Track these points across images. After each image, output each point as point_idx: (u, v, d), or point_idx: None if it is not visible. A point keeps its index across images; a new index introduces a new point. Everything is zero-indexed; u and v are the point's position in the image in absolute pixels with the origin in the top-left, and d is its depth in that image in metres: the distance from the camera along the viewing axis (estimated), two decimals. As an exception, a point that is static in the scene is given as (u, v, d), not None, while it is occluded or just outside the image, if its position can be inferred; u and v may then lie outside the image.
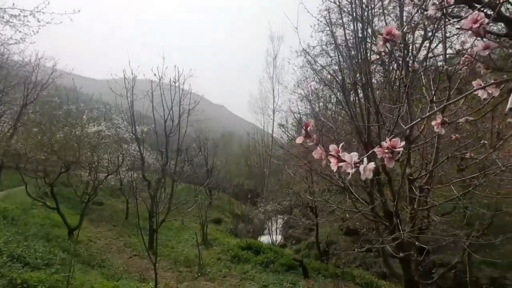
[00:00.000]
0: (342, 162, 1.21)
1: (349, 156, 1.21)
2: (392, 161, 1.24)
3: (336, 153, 1.24)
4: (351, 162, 1.19)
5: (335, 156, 1.24)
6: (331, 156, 1.25)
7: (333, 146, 1.25)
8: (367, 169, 1.17)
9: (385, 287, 11.08)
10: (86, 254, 8.66)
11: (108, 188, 18.40)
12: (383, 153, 1.23)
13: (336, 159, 1.23)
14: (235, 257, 12.11)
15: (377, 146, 1.27)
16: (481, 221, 10.28)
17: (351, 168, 1.19)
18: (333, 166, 1.24)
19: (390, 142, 1.23)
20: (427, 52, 9.49)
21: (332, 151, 1.25)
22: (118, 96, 11.73)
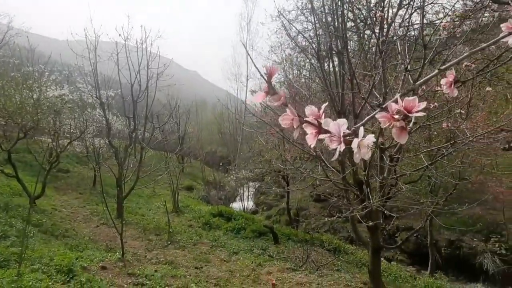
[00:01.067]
0: (323, 134, 0.82)
1: (336, 125, 0.80)
2: (405, 133, 0.83)
3: (315, 120, 0.84)
4: (338, 133, 0.79)
5: (313, 124, 0.84)
6: (308, 124, 0.85)
7: (311, 108, 0.85)
8: (364, 146, 0.77)
9: (352, 251, 11.45)
10: (49, 223, 8.29)
11: (74, 155, 17.72)
12: (391, 120, 0.83)
13: (315, 128, 0.84)
14: (206, 224, 12.10)
15: (378, 111, 0.87)
16: (444, 189, 10.71)
17: (337, 142, 0.79)
18: (310, 139, 0.84)
19: (403, 103, 0.81)
20: (402, 20, 9.31)
21: (309, 115, 0.85)
22: (80, 57, 10.95)
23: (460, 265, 11.51)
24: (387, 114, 0.84)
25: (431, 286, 8.49)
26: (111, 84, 12.95)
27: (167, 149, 16.77)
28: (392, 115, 0.83)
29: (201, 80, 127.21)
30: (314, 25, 7.58)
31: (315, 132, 0.84)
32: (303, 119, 0.86)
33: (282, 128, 8.39)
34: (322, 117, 0.84)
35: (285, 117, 0.89)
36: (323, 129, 0.82)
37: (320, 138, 0.83)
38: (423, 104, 0.82)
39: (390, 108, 0.84)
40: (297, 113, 0.87)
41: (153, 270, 6.64)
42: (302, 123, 0.86)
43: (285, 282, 7.04)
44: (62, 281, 4.64)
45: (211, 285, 6.57)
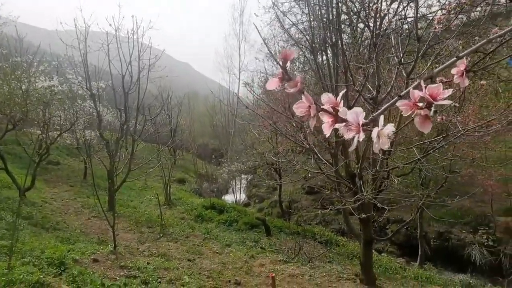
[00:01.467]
0: (340, 123, 0.78)
1: (353, 114, 0.76)
2: (429, 122, 0.77)
3: (333, 108, 0.80)
4: (356, 122, 0.76)
5: (330, 112, 0.80)
6: (324, 112, 0.81)
7: (327, 95, 0.82)
8: (384, 135, 0.73)
9: (343, 243, 11.56)
10: (39, 216, 8.19)
11: (65, 147, 17.51)
12: (414, 109, 0.78)
13: (331, 117, 0.80)
14: (198, 217, 12.10)
15: (397, 98, 0.80)
16: (435, 182, 10.85)
17: (356, 131, 0.75)
18: (326, 128, 0.81)
19: (427, 90, 0.76)
20: (395, 13, 9.29)
21: (326, 103, 0.81)
22: (70, 47, 10.73)
23: (449, 256, 11.70)
24: (409, 102, 0.79)
25: (420, 277, 8.62)
26: (101, 75, 12.72)
27: (159, 142, 16.63)
28: (415, 103, 0.78)
29: (193, 72, 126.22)
30: (308, 17, 7.53)
31: (331, 121, 0.80)
32: (319, 107, 0.81)
33: (275, 121, 8.38)
34: (341, 105, 0.80)
35: (300, 105, 0.84)
36: (340, 118, 0.78)
37: (336, 127, 0.79)
38: (448, 92, 0.76)
39: (413, 95, 0.78)
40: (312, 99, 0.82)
41: (146, 263, 6.62)
42: (319, 111, 0.81)
43: (278, 274, 7.07)
44: (54, 274, 4.60)
45: (204, 277, 6.58)
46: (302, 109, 0.83)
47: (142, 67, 11.39)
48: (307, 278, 7.06)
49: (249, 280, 6.71)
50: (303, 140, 6.57)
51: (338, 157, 6.94)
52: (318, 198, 14.81)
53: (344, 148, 6.99)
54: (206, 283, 6.24)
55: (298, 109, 0.84)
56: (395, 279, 7.98)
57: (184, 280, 6.13)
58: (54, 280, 4.33)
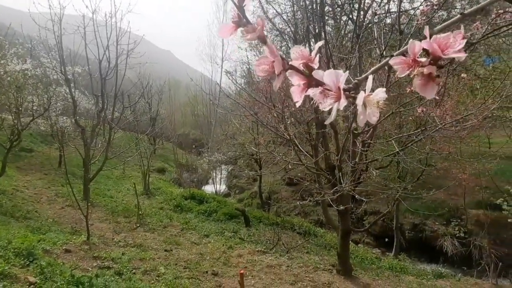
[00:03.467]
0: (315, 87, 0.61)
1: (332, 76, 0.60)
2: (433, 84, 0.59)
3: (305, 65, 0.63)
4: (336, 86, 0.60)
5: (302, 72, 0.63)
6: (294, 71, 0.63)
7: (299, 48, 0.65)
8: (372, 104, 0.58)
9: (321, 234, 11.67)
10: (9, 204, 7.87)
11: (39, 134, 16.91)
12: (414, 66, 0.59)
13: (304, 79, 0.63)
14: (177, 207, 11.95)
15: (389, 57, 0.64)
16: (412, 175, 11.05)
17: (335, 98, 0.59)
18: (295, 94, 0.63)
19: (434, 40, 0.58)
20: (379, 6, 9.27)
21: (296, 59, 0.64)
22: (43, 29, 10.25)
23: (422, 247, 12.01)
24: (407, 58, 0.61)
25: (395, 267, 8.79)
26: (77, 60, 12.26)
27: (138, 130, 16.29)
28: (415, 59, 0.59)
29: (175, 60, 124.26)
30: (292, 7, 7.42)
31: (304, 85, 0.63)
32: (287, 64, 0.64)
33: (256, 111, 8.27)
34: (315, 61, 0.64)
35: (262, 61, 0.66)
36: (315, 81, 0.62)
37: (310, 93, 0.62)
38: (461, 42, 0.58)
39: (412, 49, 0.59)
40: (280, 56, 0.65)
41: (120, 253, 6.46)
42: (286, 69, 0.64)
43: (256, 265, 7.05)
44: (21, 265, 4.41)
45: (180, 268, 6.48)
46: (265, 66, 0.66)
47: (120, 53, 11.05)
48: (284, 269, 7.06)
49: (227, 271, 6.66)
50: (284, 131, 6.51)
51: (318, 148, 6.92)
52: (298, 190, 14.87)
53: (324, 139, 6.97)
54: (183, 274, 6.15)
55: (259, 66, 0.67)
56: (371, 269, 8.10)
57: (160, 271, 6.02)
58: (20, 271, 4.14)
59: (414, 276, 8.13)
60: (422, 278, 7.99)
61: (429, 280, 7.86)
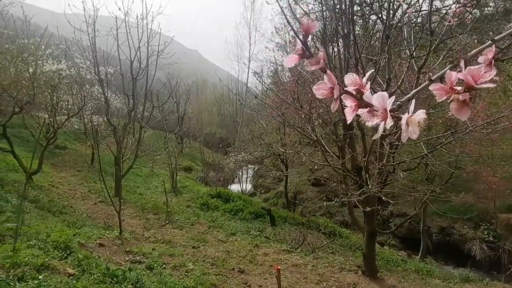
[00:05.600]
0: (364, 108, 0.71)
1: (379, 98, 0.69)
2: (467, 109, 0.68)
3: (358, 90, 0.73)
4: (383, 108, 0.69)
5: (354, 96, 0.73)
6: (347, 95, 0.73)
7: (352, 76, 0.75)
8: (414, 123, 0.66)
9: (346, 235, 11.59)
10: (46, 200, 8.29)
11: (73, 132, 17.64)
12: (451, 93, 0.69)
13: (355, 101, 0.73)
14: (204, 205, 12.18)
15: (428, 82, 0.73)
16: (440, 177, 10.80)
17: (382, 118, 0.68)
18: (348, 113, 0.73)
19: (467, 72, 0.67)
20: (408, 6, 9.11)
21: (350, 85, 0.73)
22: (78, 31, 10.70)
23: (450, 250, 11.78)
24: (445, 85, 0.70)
25: (421, 270, 8.64)
26: (110, 61, 12.71)
27: (166, 129, 16.68)
28: (452, 87, 0.69)
29: (202, 60, 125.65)
30: (320, 7, 7.39)
31: (355, 105, 0.72)
32: (343, 89, 0.74)
33: (283, 112, 8.34)
34: (367, 87, 0.73)
35: (321, 86, 0.76)
36: (365, 102, 0.71)
37: (359, 112, 0.72)
38: (491, 74, 0.67)
39: (450, 78, 0.69)
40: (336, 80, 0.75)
41: (151, 249, 6.71)
42: (342, 93, 0.74)
43: (281, 264, 7.12)
44: (59, 257, 4.66)
45: (208, 264, 6.65)
46: (324, 91, 0.76)
47: (151, 53, 11.36)
48: (310, 268, 7.10)
49: (253, 269, 6.77)
50: (311, 132, 6.54)
51: (345, 150, 6.90)
52: (324, 190, 14.81)
53: (351, 141, 6.95)
54: (210, 270, 6.31)
55: (318, 90, 0.77)
56: (396, 272, 8.00)
57: (188, 266, 6.20)
58: (59, 263, 4.39)
59: (440, 279, 7.97)
60: (448, 281, 7.83)
61: (456, 284, 7.70)
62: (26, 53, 9.80)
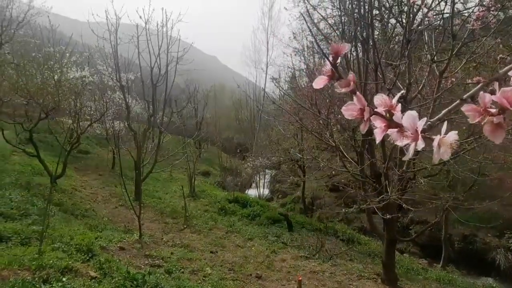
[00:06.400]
0: (395, 127, 0.70)
1: (410, 119, 0.68)
2: (502, 131, 0.66)
3: (388, 111, 0.71)
4: (413, 128, 0.67)
5: (384, 116, 0.71)
6: (377, 116, 0.72)
7: (381, 97, 0.73)
8: (445, 144, 0.65)
9: (365, 241, 11.42)
10: (69, 203, 8.52)
11: (94, 137, 18.07)
12: (484, 115, 0.67)
13: (385, 121, 0.72)
14: (221, 210, 12.24)
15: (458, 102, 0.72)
16: (463, 184, 10.51)
17: (413, 139, 0.67)
18: (378, 134, 0.72)
19: (501, 94, 0.65)
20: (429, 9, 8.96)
21: (379, 106, 0.72)
22: (101, 39, 11.02)
23: (472, 259, 11.43)
24: (478, 107, 0.67)
25: (442, 279, 8.44)
26: (131, 67, 13.02)
27: (185, 134, 16.89)
28: (485, 109, 0.66)
29: (220, 66, 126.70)
30: (339, 11, 7.37)
31: (385, 126, 0.71)
32: (372, 110, 0.73)
33: (301, 117, 8.34)
34: (397, 108, 0.71)
35: (351, 107, 0.75)
36: (395, 123, 0.70)
37: (390, 132, 0.71)
38: None
39: (483, 99, 0.66)
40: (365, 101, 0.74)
41: (170, 253, 6.78)
42: (371, 114, 0.73)
43: (299, 270, 7.08)
44: (82, 260, 4.78)
45: (225, 269, 6.67)
46: (352, 112, 0.75)
47: (170, 60, 11.58)
48: (328, 275, 7.03)
49: (270, 275, 6.75)
50: (329, 138, 6.51)
51: (364, 156, 6.83)
52: (341, 196, 14.67)
53: (370, 147, 6.88)
54: (228, 276, 6.33)
55: (347, 111, 0.77)
56: (417, 280, 7.83)
57: (206, 271, 6.25)
58: (82, 266, 4.51)
59: (462, 289, 7.77)
60: (472, 291, 7.62)
61: (479, 294, 7.48)
62: (51, 61, 10.14)
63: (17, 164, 10.14)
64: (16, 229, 5.00)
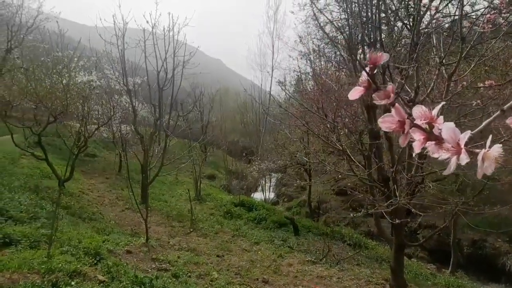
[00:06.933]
0: (434, 140, 0.68)
1: (451, 131, 0.65)
2: None
3: (429, 123, 0.69)
4: (455, 142, 0.65)
5: (424, 129, 0.69)
6: (416, 128, 0.70)
7: (421, 109, 0.70)
8: (489, 158, 0.63)
9: (372, 246, 11.33)
10: (77, 206, 8.56)
11: (101, 141, 18.18)
12: None
13: (424, 134, 0.69)
14: (227, 213, 12.23)
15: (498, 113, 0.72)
16: (472, 188, 10.39)
17: (455, 152, 0.64)
18: (417, 147, 0.70)
19: None
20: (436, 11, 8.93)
21: (419, 118, 0.70)
22: (108, 44, 11.11)
23: (482, 265, 11.31)
24: None
25: (452, 284, 8.34)
26: (137, 72, 13.11)
27: (190, 138, 16.93)
28: None
29: (225, 69, 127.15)
30: (346, 15, 7.36)
31: (424, 139, 0.70)
32: (412, 123, 0.71)
33: (307, 121, 8.31)
34: (438, 121, 0.69)
35: (388, 119, 0.73)
36: (435, 136, 0.68)
37: (430, 145, 0.69)
38: None
39: None
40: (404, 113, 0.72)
41: (176, 256, 6.77)
42: (411, 127, 0.71)
43: (306, 275, 7.04)
44: (90, 263, 4.78)
45: (232, 273, 6.65)
46: (390, 124, 0.73)
47: (176, 64, 11.63)
48: (335, 280, 6.98)
49: (277, 279, 6.71)
50: (336, 142, 6.48)
51: (371, 159, 6.79)
52: (347, 200, 14.60)
53: (378, 150, 6.83)
54: (234, 280, 6.31)
55: (384, 123, 0.74)
56: (426, 286, 7.76)
57: (213, 275, 6.22)
58: (90, 270, 4.51)
59: (473, 295, 7.67)
60: (482, 297, 7.52)
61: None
62: (60, 65, 10.23)
63: (26, 167, 10.22)
64: (25, 232, 5.02)
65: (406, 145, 0.73)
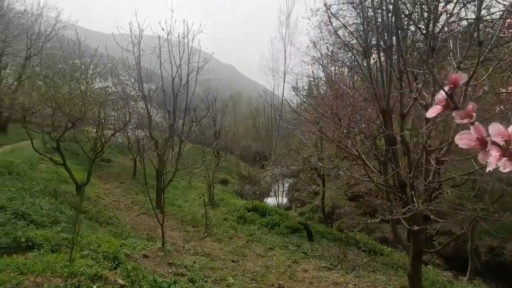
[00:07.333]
0: (509, 156, 0.68)
1: None
2: None
3: (506, 141, 0.70)
4: None
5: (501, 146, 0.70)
6: (494, 145, 0.70)
7: (497, 126, 0.71)
8: None
9: (387, 252, 11.18)
10: (94, 210, 8.70)
11: (116, 146, 18.44)
12: None
13: (500, 150, 0.70)
14: (241, 218, 12.25)
15: None
16: (491, 194, 10.20)
17: None
18: (492, 163, 0.71)
19: None
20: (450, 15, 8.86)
21: (495, 136, 0.71)
22: (125, 51, 11.32)
23: (500, 272, 11.06)
24: None
25: (469, 292, 8.18)
26: (153, 78, 13.30)
27: (204, 143, 17.05)
28: None
29: (237, 74, 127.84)
30: (362, 19, 7.34)
31: (499, 155, 0.70)
32: (489, 140, 0.72)
33: (321, 126, 8.30)
34: None
35: (466, 136, 0.73)
36: (509, 153, 0.69)
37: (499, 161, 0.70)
38: None
39: None
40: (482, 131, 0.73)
41: (192, 261, 6.82)
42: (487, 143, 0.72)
43: (321, 281, 7.00)
44: (109, 267, 4.85)
45: (247, 279, 6.65)
46: (468, 141, 0.74)
47: (191, 70, 11.76)
48: (351, 287, 6.91)
49: (293, 285, 6.69)
50: (351, 147, 6.45)
51: (387, 165, 6.74)
52: (361, 205, 14.47)
53: (394, 156, 6.78)
54: (250, 285, 6.31)
55: (462, 140, 0.74)
56: (444, 294, 7.62)
57: (228, 281, 6.24)
58: (110, 273, 4.58)
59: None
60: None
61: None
62: (78, 72, 10.45)
63: (44, 172, 10.45)
64: (47, 236, 5.12)
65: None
